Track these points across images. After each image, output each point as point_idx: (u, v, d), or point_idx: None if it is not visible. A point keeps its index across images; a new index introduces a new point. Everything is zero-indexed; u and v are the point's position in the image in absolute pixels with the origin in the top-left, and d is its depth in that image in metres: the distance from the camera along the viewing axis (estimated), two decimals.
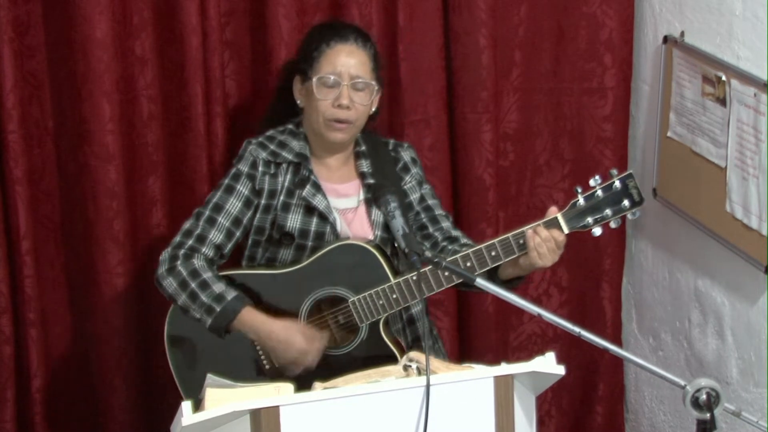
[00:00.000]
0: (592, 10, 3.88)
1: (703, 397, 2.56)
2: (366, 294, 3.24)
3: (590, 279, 4.08)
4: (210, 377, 2.84)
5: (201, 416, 2.53)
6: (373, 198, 3.24)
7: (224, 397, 2.62)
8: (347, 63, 3.28)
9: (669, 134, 3.78)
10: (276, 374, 3.29)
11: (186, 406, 2.55)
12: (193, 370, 3.34)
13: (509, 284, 3.27)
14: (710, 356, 3.72)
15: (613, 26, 3.88)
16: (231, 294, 3.22)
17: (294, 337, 3.23)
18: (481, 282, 2.83)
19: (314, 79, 3.27)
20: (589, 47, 3.91)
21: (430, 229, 3.42)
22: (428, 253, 2.91)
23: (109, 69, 3.61)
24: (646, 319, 4.07)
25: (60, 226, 3.78)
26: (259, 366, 3.32)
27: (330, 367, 3.20)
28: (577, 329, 2.70)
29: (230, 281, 3.30)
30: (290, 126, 3.39)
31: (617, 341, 4.10)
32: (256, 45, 3.76)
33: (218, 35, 3.69)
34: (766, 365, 3.46)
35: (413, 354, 2.72)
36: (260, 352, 3.32)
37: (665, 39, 3.76)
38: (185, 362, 3.36)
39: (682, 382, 2.60)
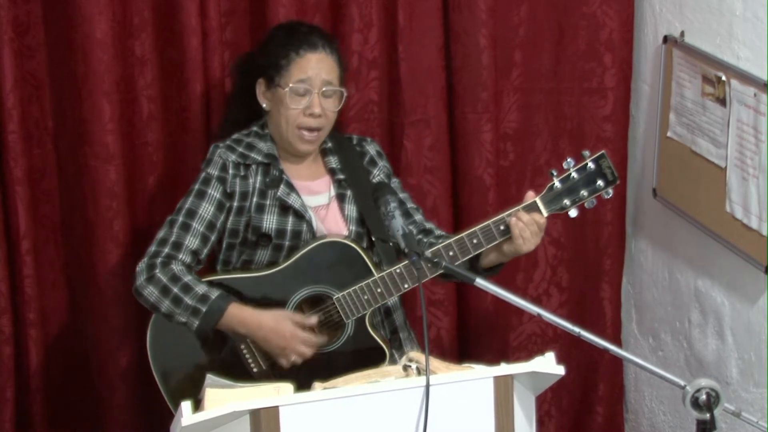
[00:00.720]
0: (592, 10, 3.88)
1: (703, 397, 2.56)
2: (351, 290, 3.24)
3: (590, 279, 4.08)
4: (209, 377, 2.84)
5: (201, 416, 2.53)
6: (373, 198, 3.24)
7: (224, 398, 2.62)
8: (317, 72, 3.29)
9: (669, 134, 3.78)
10: (263, 377, 3.29)
11: (186, 406, 2.55)
12: (179, 380, 3.32)
13: (491, 271, 3.29)
14: (710, 356, 3.72)
15: (613, 26, 3.88)
16: (215, 293, 3.22)
17: (283, 323, 3.22)
18: (480, 282, 2.83)
19: (287, 89, 3.27)
20: (589, 47, 3.91)
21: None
22: (428, 253, 2.91)
23: (109, 69, 3.61)
24: (645, 319, 4.07)
25: (60, 226, 3.78)
26: (247, 370, 3.31)
27: (320, 366, 3.20)
28: (576, 329, 2.71)
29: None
30: (255, 128, 3.39)
31: (617, 341, 4.10)
32: (256, 45, 3.75)
33: (218, 35, 3.69)
34: (766, 365, 3.46)
35: (413, 354, 2.72)
36: (247, 356, 3.31)
37: (665, 39, 3.76)
38: (171, 372, 3.33)
39: (682, 383, 2.60)
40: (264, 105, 3.36)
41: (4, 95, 3.58)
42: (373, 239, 3.33)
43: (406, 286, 3.22)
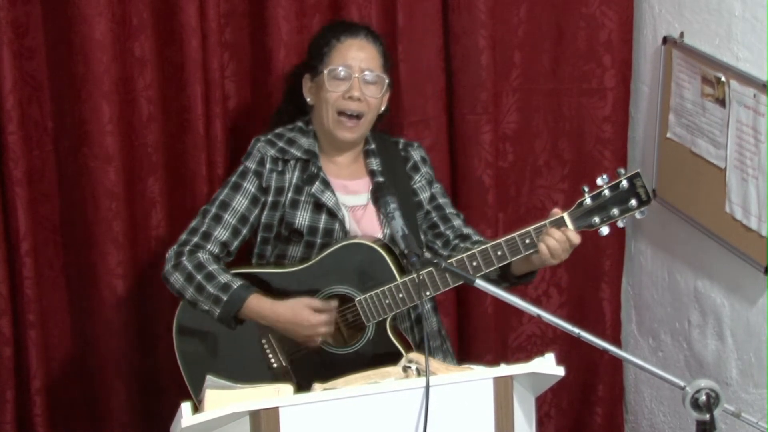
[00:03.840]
0: (592, 10, 3.88)
1: (703, 398, 2.56)
2: (372, 293, 3.24)
3: (590, 280, 4.08)
4: (209, 378, 2.83)
5: (200, 417, 2.53)
6: (373, 199, 3.25)
7: (224, 399, 2.62)
8: (358, 56, 3.30)
9: (668, 135, 3.78)
10: (283, 373, 3.31)
11: (185, 407, 2.55)
12: (200, 366, 3.34)
13: (522, 279, 3.29)
14: (710, 357, 3.72)
15: (612, 27, 3.88)
16: (237, 283, 3.24)
17: (302, 314, 3.23)
18: (480, 283, 2.83)
19: (325, 72, 3.29)
20: (589, 48, 3.91)
21: (442, 228, 3.42)
22: (427, 255, 2.92)
23: (108, 70, 3.61)
24: (645, 319, 4.07)
25: (59, 227, 3.78)
26: (267, 364, 3.33)
27: (337, 366, 3.21)
28: (576, 330, 2.70)
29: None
30: (299, 124, 3.40)
31: (617, 342, 4.10)
32: (256, 46, 3.76)
33: (217, 36, 3.69)
34: (766, 366, 3.46)
35: (413, 355, 2.72)
36: (267, 351, 3.33)
37: (665, 40, 3.76)
38: (193, 358, 3.37)
39: (682, 383, 2.60)
40: (309, 99, 3.37)
41: (4, 96, 3.58)
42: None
43: (427, 293, 3.22)
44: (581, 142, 3.98)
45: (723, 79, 3.46)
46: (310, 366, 3.27)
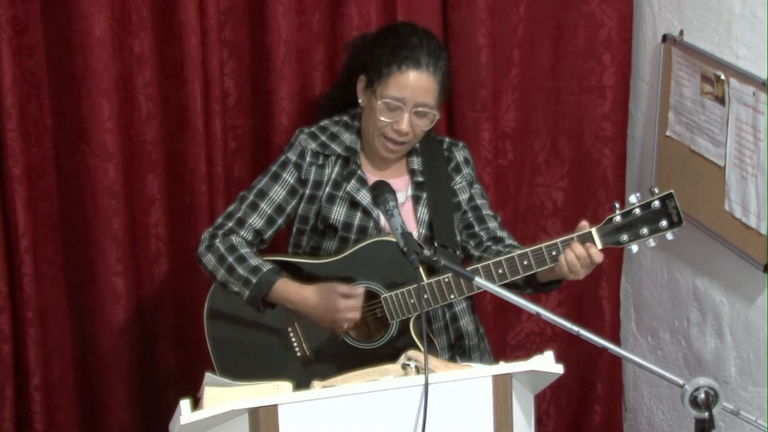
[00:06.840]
0: (591, 8, 3.88)
1: (702, 396, 2.56)
2: (398, 291, 3.25)
3: (589, 278, 4.02)
4: (208, 376, 2.83)
5: (199, 415, 2.53)
6: (372, 197, 3.24)
7: (223, 396, 2.62)
8: (416, 88, 3.24)
9: (668, 133, 3.78)
10: (306, 361, 3.33)
11: (184, 404, 2.55)
12: (229, 350, 3.37)
13: (547, 287, 3.30)
14: (709, 355, 3.72)
15: (612, 25, 3.88)
16: (267, 266, 3.26)
17: (329, 297, 3.23)
18: (478, 281, 2.84)
19: (379, 102, 3.24)
20: (588, 46, 3.91)
21: (476, 228, 3.41)
22: (426, 252, 2.92)
23: (107, 68, 3.61)
24: (644, 318, 4.07)
25: (58, 225, 3.78)
26: (291, 352, 3.34)
27: (358, 360, 3.21)
28: (575, 328, 2.71)
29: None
30: (346, 117, 3.40)
31: (616, 340, 4.11)
32: (255, 43, 3.76)
33: (217, 34, 3.69)
34: (765, 364, 3.46)
35: (412, 353, 2.72)
36: (293, 339, 3.34)
37: (664, 38, 3.76)
38: (223, 342, 3.39)
39: (681, 381, 2.60)
40: (360, 101, 3.35)
41: (3, 94, 3.58)
42: (435, 245, 3.33)
43: (452, 296, 3.22)
44: (581, 140, 3.98)
45: (722, 77, 3.46)
46: (333, 357, 3.29)
